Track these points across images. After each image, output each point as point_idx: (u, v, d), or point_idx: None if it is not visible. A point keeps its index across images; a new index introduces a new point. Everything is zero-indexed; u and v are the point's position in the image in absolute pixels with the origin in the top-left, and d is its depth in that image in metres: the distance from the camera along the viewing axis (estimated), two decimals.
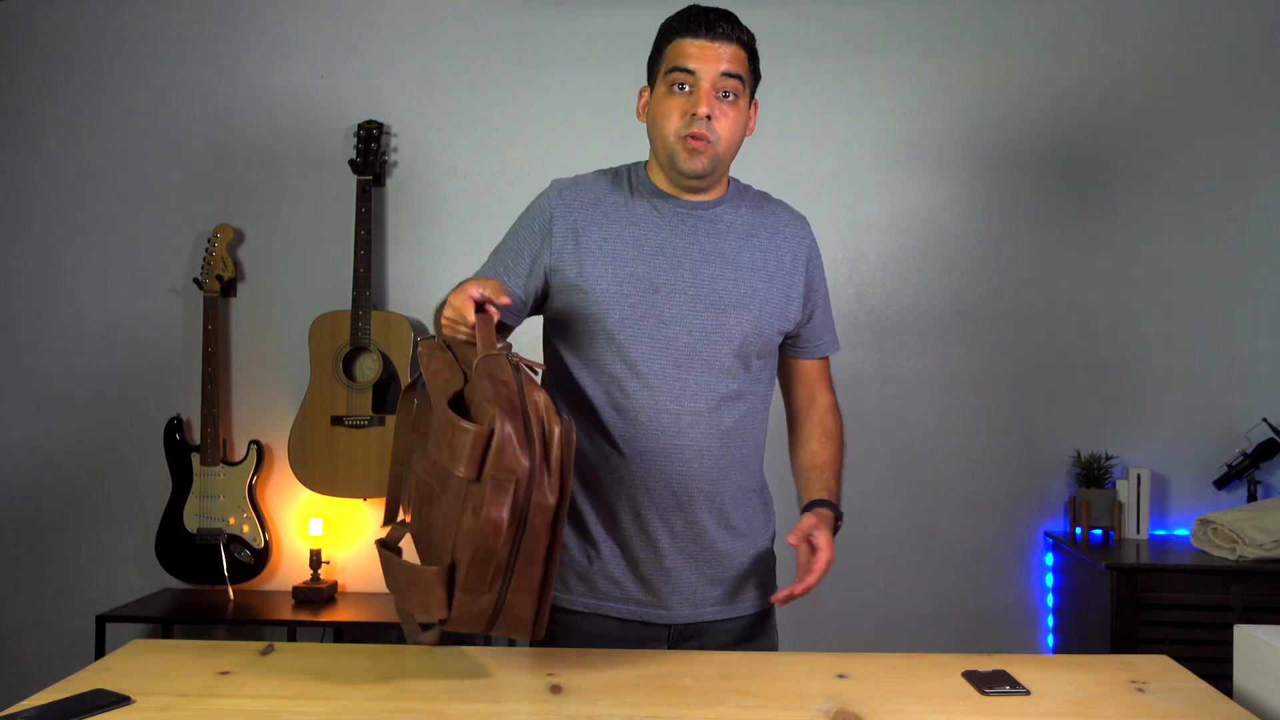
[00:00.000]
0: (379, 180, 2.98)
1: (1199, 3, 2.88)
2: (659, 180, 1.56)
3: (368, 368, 2.88)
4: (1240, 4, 2.86)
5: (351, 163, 2.93)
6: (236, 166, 3.05)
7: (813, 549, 1.46)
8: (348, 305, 2.89)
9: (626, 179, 1.59)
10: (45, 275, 3.08)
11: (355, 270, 2.86)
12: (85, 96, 3.08)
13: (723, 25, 1.48)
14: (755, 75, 1.55)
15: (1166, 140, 2.88)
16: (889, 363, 2.93)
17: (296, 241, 3.03)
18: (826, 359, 1.69)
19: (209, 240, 2.96)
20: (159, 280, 3.05)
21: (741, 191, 1.62)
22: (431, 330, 1.47)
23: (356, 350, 2.87)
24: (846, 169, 2.94)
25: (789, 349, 1.65)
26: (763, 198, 1.65)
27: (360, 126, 2.94)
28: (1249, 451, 2.76)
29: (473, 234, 2.98)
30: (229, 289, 3.01)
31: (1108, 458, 2.78)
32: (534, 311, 1.59)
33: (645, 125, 1.56)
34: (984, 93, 2.92)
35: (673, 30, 1.51)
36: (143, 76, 3.07)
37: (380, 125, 2.95)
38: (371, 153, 2.92)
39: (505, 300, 1.31)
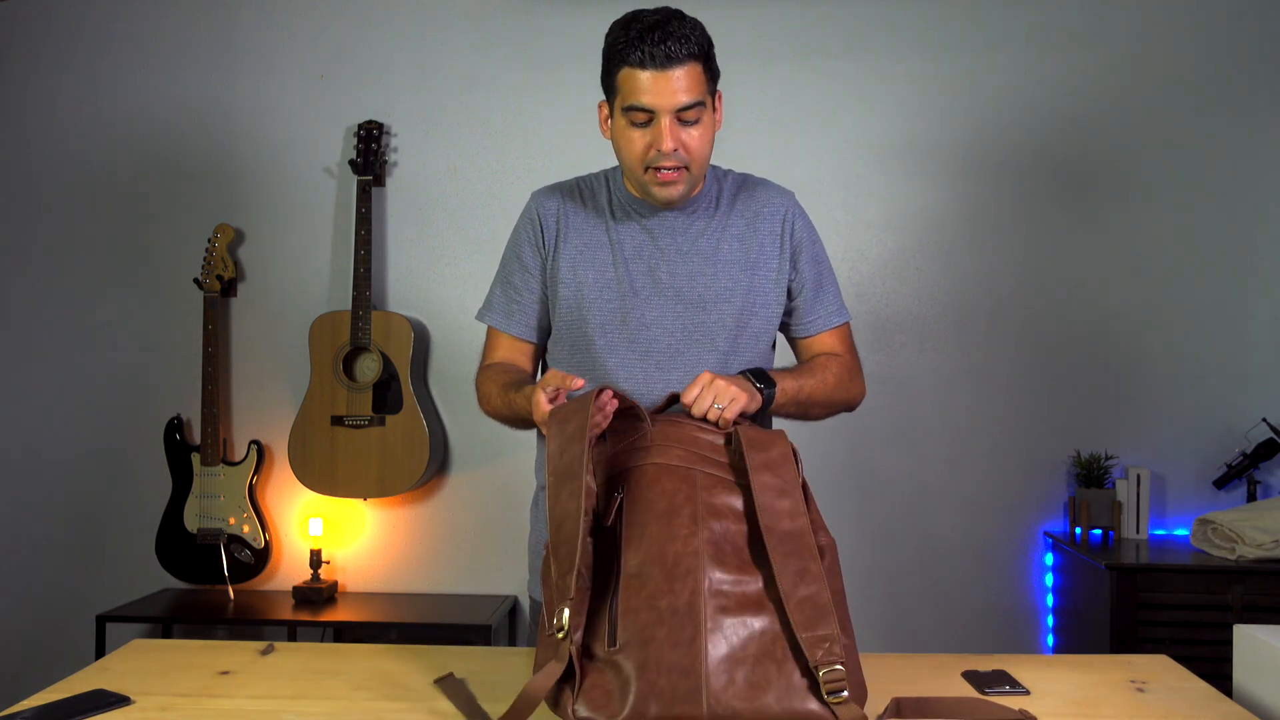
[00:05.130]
0: (379, 180, 2.98)
1: (1198, 3, 2.88)
2: (634, 188, 1.52)
3: (368, 368, 2.87)
4: (1241, 4, 2.86)
5: (351, 163, 2.93)
6: (236, 166, 3.05)
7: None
8: (348, 305, 2.89)
9: (605, 186, 1.56)
10: (45, 274, 3.08)
11: (355, 270, 2.86)
12: (87, 96, 3.08)
13: (671, 47, 1.34)
14: (714, 76, 1.43)
15: (1166, 140, 2.88)
16: (889, 362, 2.93)
17: (296, 241, 3.03)
18: (839, 331, 1.59)
19: (209, 240, 2.96)
20: (159, 280, 3.05)
21: (719, 180, 1.57)
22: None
23: (356, 350, 2.87)
24: (846, 169, 2.94)
25: (791, 329, 1.58)
26: (741, 181, 1.58)
27: (360, 127, 2.94)
28: (1249, 451, 2.76)
29: (473, 234, 2.99)
30: (229, 289, 3.01)
31: (1108, 458, 2.78)
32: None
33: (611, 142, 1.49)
34: (984, 93, 2.92)
35: (620, 56, 1.37)
36: (144, 77, 3.07)
37: (380, 125, 2.95)
38: (371, 153, 2.91)
39: (578, 383, 1.27)
